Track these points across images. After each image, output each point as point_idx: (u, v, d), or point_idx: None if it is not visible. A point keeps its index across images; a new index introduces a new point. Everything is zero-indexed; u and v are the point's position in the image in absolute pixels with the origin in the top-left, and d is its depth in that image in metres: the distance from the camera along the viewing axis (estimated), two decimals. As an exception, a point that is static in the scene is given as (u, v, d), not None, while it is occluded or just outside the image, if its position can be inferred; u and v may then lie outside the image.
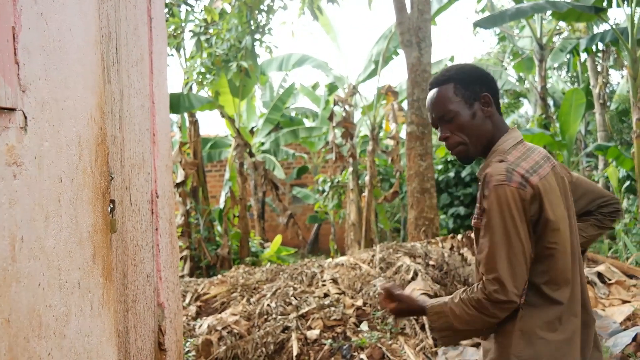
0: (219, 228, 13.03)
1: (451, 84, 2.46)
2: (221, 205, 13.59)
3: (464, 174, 13.50)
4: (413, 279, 6.83)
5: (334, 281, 7.06)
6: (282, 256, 12.93)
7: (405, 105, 12.13)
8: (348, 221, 13.40)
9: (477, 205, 2.38)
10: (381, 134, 15.11)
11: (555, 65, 19.44)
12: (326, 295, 6.75)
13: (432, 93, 2.51)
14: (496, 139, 2.47)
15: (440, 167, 13.97)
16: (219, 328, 6.25)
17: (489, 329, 2.39)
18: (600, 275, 6.94)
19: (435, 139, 12.46)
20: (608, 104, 17.17)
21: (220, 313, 6.79)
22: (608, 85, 17.49)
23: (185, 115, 12.70)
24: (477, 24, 12.05)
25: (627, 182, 12.86)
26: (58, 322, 1.79)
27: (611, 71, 18.67)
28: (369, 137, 13.35)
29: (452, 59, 15.64)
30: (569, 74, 20.86)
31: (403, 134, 13.22)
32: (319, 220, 17.62)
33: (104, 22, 2.35)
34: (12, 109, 1.60)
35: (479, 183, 2.39)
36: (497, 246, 2.24)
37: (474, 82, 2.47)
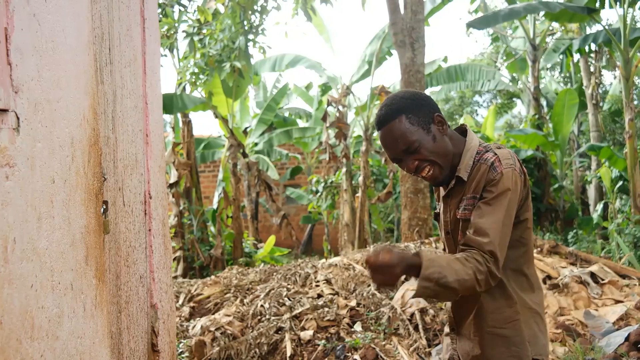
0: (212, 229, 13.00)
1: (402, 115, 2.46)
2: (214, 206, 13.57)
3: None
4: (406, 279, 6.84)
5: (328, 282, 7.07)
6: (275, 257, 12.92)
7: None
8: (341, 222, 13.41)
9: (470, 196, 2.46)
10: (375, 135, 15.11)
11: (548, 65, 19.49)
12: (320, 295, 6.75)
13: (387, 130, 2.48)
14: (458, 148, 2.54)
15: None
16: (212, 329, 6.24)
17: (461, 294, 2.38)
18: (593, 275, 6.95)
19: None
20: (601, 104, 17.22)
21: (213, 314, 6.79)
22: (601, 85, 17.52)
23: (179, 115, 12.66)
24: (470, 25, 12.09)
25: (620, 182, 12.90)
26: (51, 323, 1.79)
27: (604, 72, 18.71)
28: (363, 137, 13.36)
29: (445, 60, 15.66)
30: (562, 75, 20.91)
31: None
32: (313, 220, 17.62)
33: (97, 22, 2.34)
34: (4, 110, 1.59)
35: (468, 177, 2.48)
36: (499, 224, 2.33)
37: (421, 107, 2.49)
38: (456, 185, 2.54)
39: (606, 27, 11.83)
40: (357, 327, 6.16)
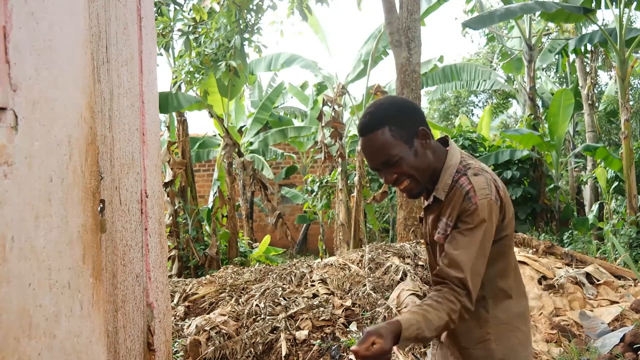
0: (207, 228, 13.00)
1: (386, 127, 2.41)
2: (209, 205, 13.57)
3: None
4: (402, 279, 6.85)
5: (323, 281, 7.07)
6: (270, 256, 12.92)
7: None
8: (337, 221, 13.40)
9: (443, 219, 2.44)
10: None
11: (544, 65, 19.53)
12: (315, 295, 6.75)
13: (369, 140, 2.46)
14: (439, 162, 2.50)
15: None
16: (207, 328, 6.24)
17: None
18: (588, 275, 6.96)
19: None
20: (596, 104, 17.25)
21: (208, 313, 6.78)
22: (596, 86, 17.57)
23: (174, 114, 12.65)
24: (466, 25, 12.10)
25: (616, 183, 12.93)
26: (48, 322, 1.79)
27: (599, 72, 18.74)
28: (358, 137, 13.35)
29: (441, 59, 15.69)
30: (558, 75, 20.97)
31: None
32: (308, 220, 17.63)
33: (94, 21, 2.34)
34: (2, 109, 1.59)
35: (445, 196, 2.46)
36: (472, 256, 2.32)
37: (407, 120, 2.45)
38: (434, 202, 2.52)
39: (602, 28, 11.86)
40: (353, 327, 6.16)
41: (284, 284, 7.12)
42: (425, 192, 2.61)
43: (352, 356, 5.59)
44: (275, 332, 6.10)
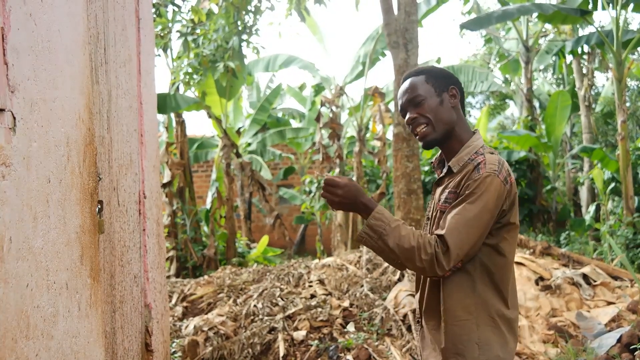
0: (205, 229, 12.99)
1: (423, 75, 2.66)
2: (208, 206, 13.56)
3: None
4: (399, 280, 6.86)
5: (321, 282, 7.07)
6: (268, 257, 12.91)
7: (392, 106, 12.16)
8: (335, 222, 13.40)
9: (451, 190, 2.54)
10: (368, 135, 15.11)
11: (541, 67, 19.50)
12: (313, 296, 6.76)
13: (405, 83, 2.69)
14: (460, 133, 2.65)
15: (426, 168, 13.99)
16: (205, 329, 6.24)
17: (400, 266, 2.57)
18: (585, 276, 6.97)
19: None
20: (593, 106, 17.26)
21: (206, 314, 6.79)
22: (593, 87, 17.56)
23: (172, 115, 12.64)
24: (463, 26, 12.09)
25: (612, 184, 12.92)
26: (46, 322, 1.79)
27: (596, 73, 18.76)
28: (356, 138, 13.36)
29: (438, 61, 15.67)
30: (555, 76, 20.95)
31: (390, 135, 13.25)
32: (306, 221, 17.61)
33: (92, 22, 2.35)
34: (1, 110, 1.60)
35: (457, 171, 2.57)
36: (464, 221, 2.39)
37: (444, 77, 2.68)
38: (447, 174, 2.64)
39: (599, 29, 11.86)
40: (350, 327, 6.17)
41: (281, 285, 7.13)
42: (440, 166, 2.76)
43: (349, 356, 5.59)
44: (273, 332, 6.11)
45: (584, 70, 16.86)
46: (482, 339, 2.48)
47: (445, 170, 2.65)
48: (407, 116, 2.66)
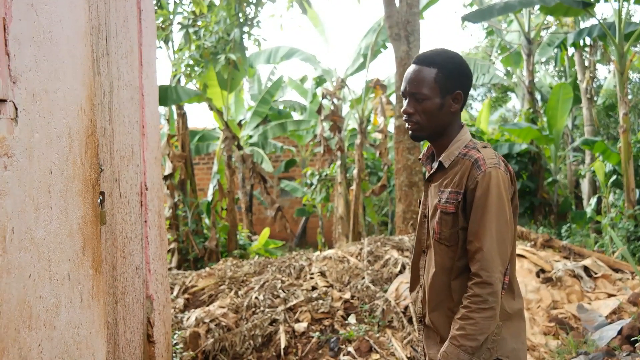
0: (206, 221, 13.00)
1: (435, 69, 2.55)
2: (209, 198, 13.56)
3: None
4: (401, 272, 6.86)
5: (322, 274, 7.08)
6: (270, 249, 12.91)
7: (393, 98, 12.13)
8: (336, 214, 13.41)
9: (452, 190, 2.52)
10: (369, 128, 15.10)
11: (543, 59, 19.47)
12: (314, 288, 6.77)
13: (415, 69, 2.60)
14: (451, 130, 2.62)
15: (428, 160, 13.97)
16: (206, 321, 6.25)
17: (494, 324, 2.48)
18: (586, 269, 6.97)
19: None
20: (595, 98, 17.22)
21: (208, 306, 6.79)
22: (595, 79, 17.51)
23: (173, 107, 12.63)
24: (465, 18, 12.07)
25: (614, 177, 12.92)
26: (48, 313, 1.80)
27: (598, 66, 18.69)
28: (357, 130, 13.36)
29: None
30: (557, 69, 20.90)
31: (391, 128, 13.25)
32: (307, 213, 17.63)
33: (94, 13, 2.34)
34: (2, 100, 1.60)
35: (449, 166, 2.57)
36: (492, 225, 2.40)
37: (454, 77, 2.58)
38: (437, 170, 2.62)
39: (601, 21, 11.83)
40: (351, 319, 6.18)
41: (283, 277, 7.13)
42: (429, 162, 2.73)
43: (350, 348, 5.60)
44: (274, 324, 6.12)
45: (586, 63, 16.82)
46: (496, 334, 2.49)
47: (436, 165, 2.63)
48: (405, 105, 2.61)
